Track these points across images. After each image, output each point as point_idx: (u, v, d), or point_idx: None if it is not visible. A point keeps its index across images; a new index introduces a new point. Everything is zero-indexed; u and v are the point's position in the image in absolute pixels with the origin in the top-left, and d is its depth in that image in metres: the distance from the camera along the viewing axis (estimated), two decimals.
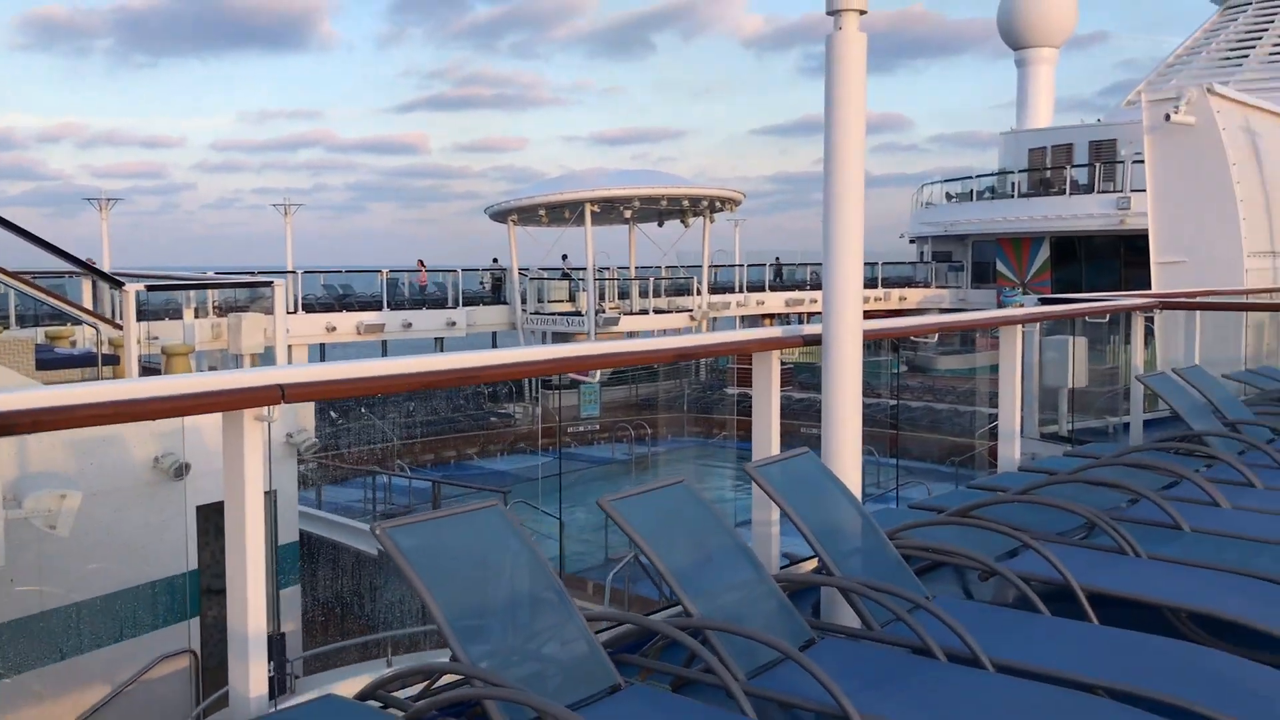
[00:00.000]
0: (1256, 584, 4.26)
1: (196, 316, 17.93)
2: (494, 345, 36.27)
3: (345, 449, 25.83)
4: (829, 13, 4.57)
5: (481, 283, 36.68)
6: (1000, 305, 39.22)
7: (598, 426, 28.35)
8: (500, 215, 32.51)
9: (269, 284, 11.63)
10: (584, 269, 31.50)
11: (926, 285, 44.37)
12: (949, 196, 44.30)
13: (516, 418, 29.75)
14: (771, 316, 41.99)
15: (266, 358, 11.56)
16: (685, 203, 31.49)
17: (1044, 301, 8.36)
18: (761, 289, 40.82)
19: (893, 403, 31.18)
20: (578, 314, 32.07)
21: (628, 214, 31.94)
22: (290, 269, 31.34)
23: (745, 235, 44.13)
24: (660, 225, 35.03)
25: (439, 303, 32.48)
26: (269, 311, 11.81)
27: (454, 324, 31.74)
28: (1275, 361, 12.34)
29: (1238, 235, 11.17)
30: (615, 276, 34.85)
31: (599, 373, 27.78)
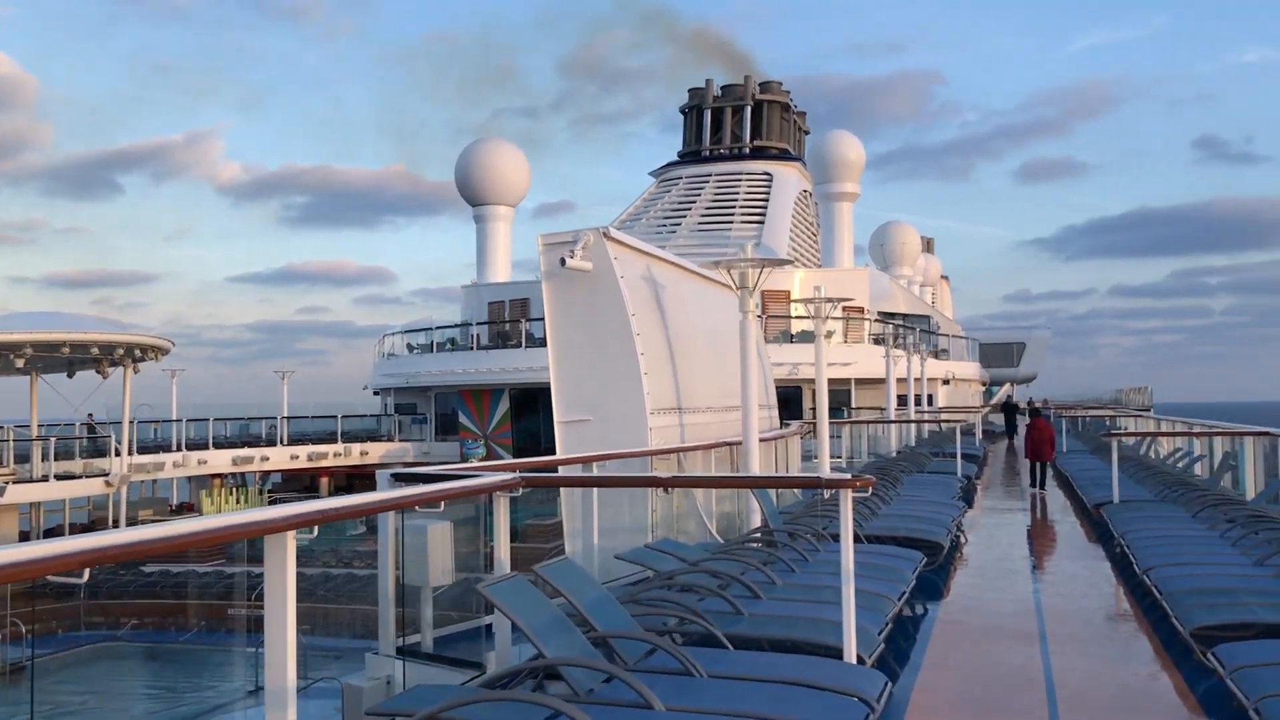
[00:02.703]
0: None
1: None
2: None
3: None
4: None
5: None
6: (463, 458, 38.33)
7: None
8: None
9: None
10: None
11: (390, 439, 42.60)
12: (411, 348, 43.26)
13: None
14: (220, 476, 37.87)
15: None
16: (95, 350, 27.04)
17: (397, 478, 6.46)
18: (205, 446, 36.85)
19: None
20: None
21: (20, 363, 26.77)
22: None
23: (222, 386, 40.28)
24: (70, 376, 30.05)
25: None
26: None
27: None
28: (687, 524, 11.54)
29: (640, 391, 10.29)
30: (11, 437, 29.35)
31: None
